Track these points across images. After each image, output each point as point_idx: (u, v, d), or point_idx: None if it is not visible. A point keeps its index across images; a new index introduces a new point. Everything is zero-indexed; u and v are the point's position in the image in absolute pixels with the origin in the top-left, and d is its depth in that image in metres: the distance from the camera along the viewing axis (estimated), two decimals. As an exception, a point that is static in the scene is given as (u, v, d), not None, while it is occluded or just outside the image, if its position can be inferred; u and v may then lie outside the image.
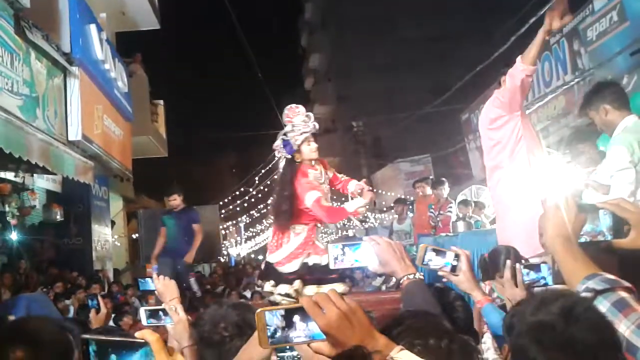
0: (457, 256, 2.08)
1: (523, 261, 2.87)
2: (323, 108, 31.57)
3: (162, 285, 2.68)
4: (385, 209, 18.93)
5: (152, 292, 7.72)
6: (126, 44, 13.01)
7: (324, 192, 4.68)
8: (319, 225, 4.94)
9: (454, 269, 2.08)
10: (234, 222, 26.70)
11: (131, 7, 12.17)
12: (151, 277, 2.91)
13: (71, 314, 7.25)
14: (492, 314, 2.56)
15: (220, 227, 17.84)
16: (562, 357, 1.24)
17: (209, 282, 12.81)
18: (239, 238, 29.14)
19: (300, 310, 1.19)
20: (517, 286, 2.64)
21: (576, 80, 9.57)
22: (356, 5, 26.36)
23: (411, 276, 1.82)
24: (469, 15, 22.81)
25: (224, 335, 1.95)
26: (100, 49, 8.73)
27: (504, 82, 4.61)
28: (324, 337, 1.18)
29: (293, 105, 5.04)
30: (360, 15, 26.21)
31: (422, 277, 1.85)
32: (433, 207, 9.22)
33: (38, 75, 6.78)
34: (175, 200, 7.86)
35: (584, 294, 1.43)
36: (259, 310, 1.19)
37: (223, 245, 20.87)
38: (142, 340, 1.10)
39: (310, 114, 5.05)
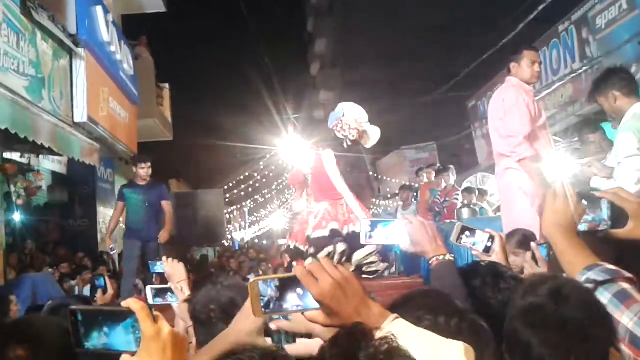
0: (491, 237, 2.16)
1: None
2: (328, 94, 31.43)
3: (171, 268, 2.74)
4: (389, 195, 18.92)
5: (159, 274, 7.72)
6: (132, 27, 12.97)
7: None
8: None
9: (487, 250, 2.15)
10: (238, 206, 26.74)
11: (137, -11, 12.14)
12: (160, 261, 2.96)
13: (76, 293, 7.31)
14: None
15: (225, 211, 17.89)
16: (554, 337, 1.24)
17: (217, 264, 12.88)
18: (243, 222, 29.23)
19: (294, 280, 1.18)
20: (537, 264, 2.65)
21: (584, 68, 9.51)
22: (363, -9, 26.22)
23: (441, 257, 1.84)
24: (476, 2, 22.63)
25: (211, 316, 1.95)
26: (106, 31, 8.71)
27: (513, 68, 4.62)
28: (318, 306, 1.17)
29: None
30: (367, 1, 26.04)
31: (452, 258, 1.87)
32: (439, 193, 9.23)
33: (44, 56, 6.77)
34: (145, 170, 7.03)
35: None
36: (252, 279, 1.20)
37: (227, 230, 20.91)
38: (128, 309, 1.11)
39: None
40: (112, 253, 5.04)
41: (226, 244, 22.26)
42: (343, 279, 1.18)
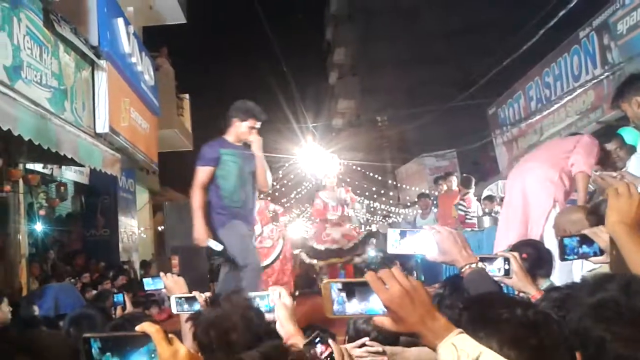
0: (506, 260, 2.15)
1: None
2: (347, 102, 31.47)
3: (173, 282, 2.77)
4: (409, 203, 18.83)
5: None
6: (153, 38, 13.12)
7: None
8: None
9: (507, 273, 2.15)
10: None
11: (158, 1, 12.28)
12: (156, 276, 3.00)
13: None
14: None
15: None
16: (628, 330, 1.22)
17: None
18: (262, 231, 29.19)
19: (365, 285, 1.24)
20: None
21: (606, 74, 9.38)
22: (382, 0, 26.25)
23: (473, 265, 1.85)
24: (496, 7, 22.51)
25: (211, 342, 1.91)
26: (127, 43, 8.81)
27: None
28: (385, 311, 1.23)
29: None
30: (386, 8, 26.04)
31: (484, 266, 1.89)
32: (465, 203, 9.13)
33: (66, 68, 6.86)
34: (255, 130, 5.05)
35: None
36: (325, 281, 1.27)
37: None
38: (143, 333, 1.10)
39: None
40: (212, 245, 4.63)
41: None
42: (411, 288, 1.22)
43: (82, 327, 2.87)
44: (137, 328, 1.11)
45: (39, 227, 9.04)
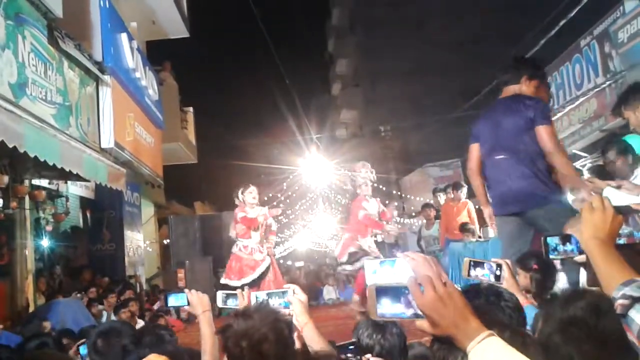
0: (499, 266, 2.25)
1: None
2: (350, 113, 31.54)
3: (197, 298, 2.82)
4: (413, 214, 18.80)
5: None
6: (156, 52, 13.21)
7: None
8: None
9: (497, 278, 2.25)
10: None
11: (161, 16, 12.36)
12: (180, 292, 3.06)
13: (104, 318, 7.37)
14: (532, 313, 2.62)
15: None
16: (595, 351, 1.24)
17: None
18: (267, 243, 29.13)
19: (406, 289, 1.32)
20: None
21: (608, 82, 9.40)
22: (383, 10, 26.31)
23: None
24: (498, 17, 22.58)
25: (243, 353, 1.95)
26: (131, 58, 8.88)
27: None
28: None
29: None
30: (388, 19, 26.13)
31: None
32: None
33: (71, 83, 6.92)
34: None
35: (620, 301, 1.39)
36: (370, 284, 1.36)
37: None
38: None
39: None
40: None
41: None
42: (445, 293, 1.28)
43: (110, 340, 2.94)
44: None
45: (45, 242, 9.08)
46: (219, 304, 2.88)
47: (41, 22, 6.18)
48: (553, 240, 2.18)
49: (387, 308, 1.34)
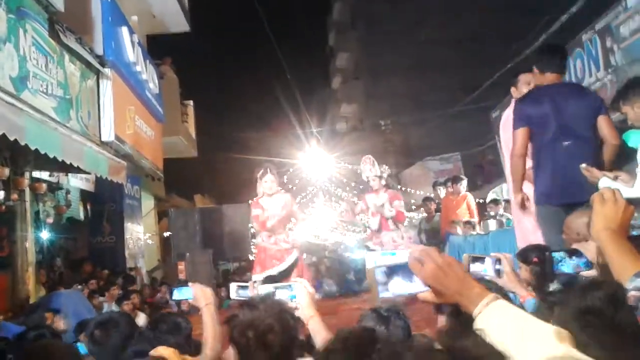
0: (498, 260, 2.24)
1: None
2: (350, 107, 31.49)
3: (200, 291, 2.84)
4: (413, 207, 18.83)
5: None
6: (157, 46, 13.19)
7: None
8: None
9: (498, 273, 2.22)
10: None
11: (161, 10, 12.33)
12: (184, 286, 3.09)
13: (105, 309, 7.40)
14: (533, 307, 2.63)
15: (249, 225, 17.96)
16: (611, 340, 1.25)
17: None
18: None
19: (407, 266, 1.39)
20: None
21: (609, 77, 9.40)
22: (384, 5, 26.24)
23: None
24: (499, 13, 22.53)
25: (249, 342, 1.97)
26: (132, 51, 8.88)
27: (514, 92, 4.62)
28: (427, 288, 1.38)
29: None
30: (389, 14, 26.07)
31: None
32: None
33: (72, 77, 6.92)
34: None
35: (633, 293, 1.41)
36: (369, 267, 1.42)
37: (252, 244, 21.01)
38: (160, 357, 1.14)
39: None
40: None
41: (251, 258, 22.32)
42: (444, 263, 1.35)
43: (108, 331, 2.93)
44: (152, 353, 1.16)
45: (45, 234, 9.11)
46: (232, 295, 2.93)
47: (42, 16, 6.18)
48: (559, 256, 2.19)
49: (392, 288, 1.42)
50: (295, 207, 7.30)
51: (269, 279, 6.11)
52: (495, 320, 1.26)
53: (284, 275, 6.45)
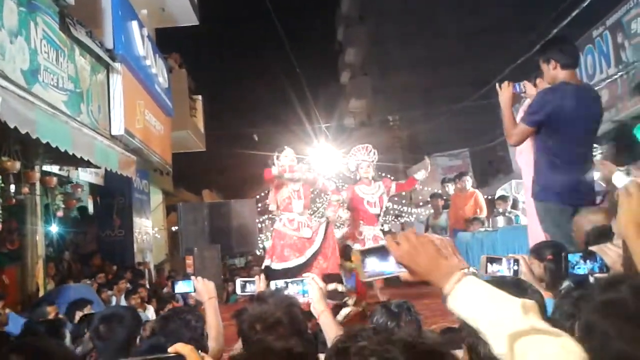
0: (516, 261, 2.30)
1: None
2: (359, 102, 31.47)
3: (203, 285, 2.85)
4: (421, 203, 18.79)
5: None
6: (166, 40, 13.21)
7: None
8: None
9: (515, 274, 2.26)
10: (270, 215, 26.75)
11: (171, 3, 12.35)
12: (186, 279, 3.10)
13: (113, 303, 7.44)
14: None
15: (257, 220, 17.99)
16: (633, 331, 1.24)
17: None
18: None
19: (385, 249, 1.46)
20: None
21: (620, 73, 9.34)
22: (392, 0, 26.19)
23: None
24: (509, 7, 22.42)
25: (257, 335, 1.98)
26: (141, 45, 8.88)
27: (540, 83, 4.58)
28: (404, 270, 1.44)
29: None
30: (398, 9, 25.99)
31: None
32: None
33: (82, 71, 6.94)
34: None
35: None
36: (354, 249, 1.45)
37: (259, 239, 21.05)
38: (177, 354, 1.14)
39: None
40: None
41: (258, 253, 22.37)
42: (418, 243, 1.40)
43: (112, 325, 2.91)
44: (170, 349, 1.16)
45: (55, 228, 9.15)
46: (238, 291, 2.91)
47: (53, 9, 6.19)
48: (575, 258, 2.18)
49: (373, 267, 1.48)
50: (324, 180, 7.28)
51: (283, 273, 5.83)
52: (465, 297, 1.29)
53: (301, 269, 5.81)
